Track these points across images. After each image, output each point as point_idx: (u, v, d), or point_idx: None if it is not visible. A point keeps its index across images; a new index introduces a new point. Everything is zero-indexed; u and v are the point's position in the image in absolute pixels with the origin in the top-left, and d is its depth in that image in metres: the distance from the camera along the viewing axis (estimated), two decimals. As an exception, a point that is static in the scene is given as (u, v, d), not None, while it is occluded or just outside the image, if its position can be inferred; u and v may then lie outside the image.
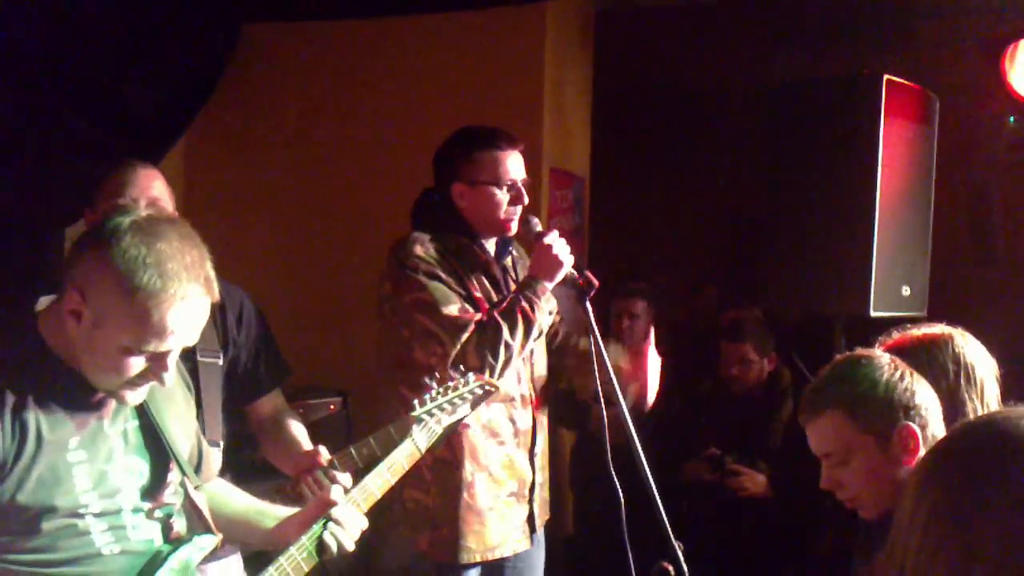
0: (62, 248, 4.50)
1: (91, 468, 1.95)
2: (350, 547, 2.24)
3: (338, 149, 5.07)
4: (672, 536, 2.84)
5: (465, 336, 2.98)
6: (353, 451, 2.89)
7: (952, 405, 2.52)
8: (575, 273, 3.06)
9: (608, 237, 5.42)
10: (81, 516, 1.92)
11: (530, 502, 3.27)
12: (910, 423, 2.16)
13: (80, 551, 1.92)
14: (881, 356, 2.26)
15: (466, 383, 2.71)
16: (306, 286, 5.01)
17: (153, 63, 4.52)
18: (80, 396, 1.97)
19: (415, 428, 2.56)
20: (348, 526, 2.22)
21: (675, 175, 5.32)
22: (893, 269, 4.02)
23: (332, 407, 4.39)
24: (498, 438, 3.17)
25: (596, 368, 2.91)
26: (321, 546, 2.18)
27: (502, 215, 3.15)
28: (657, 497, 2.83)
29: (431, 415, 2.59)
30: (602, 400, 2.92)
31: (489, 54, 4.96)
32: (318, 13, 4.94)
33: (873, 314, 3.91)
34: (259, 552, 2.37)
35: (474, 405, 2.76)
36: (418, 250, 3.06)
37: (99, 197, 2.92)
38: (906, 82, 4.07)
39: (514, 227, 3.19)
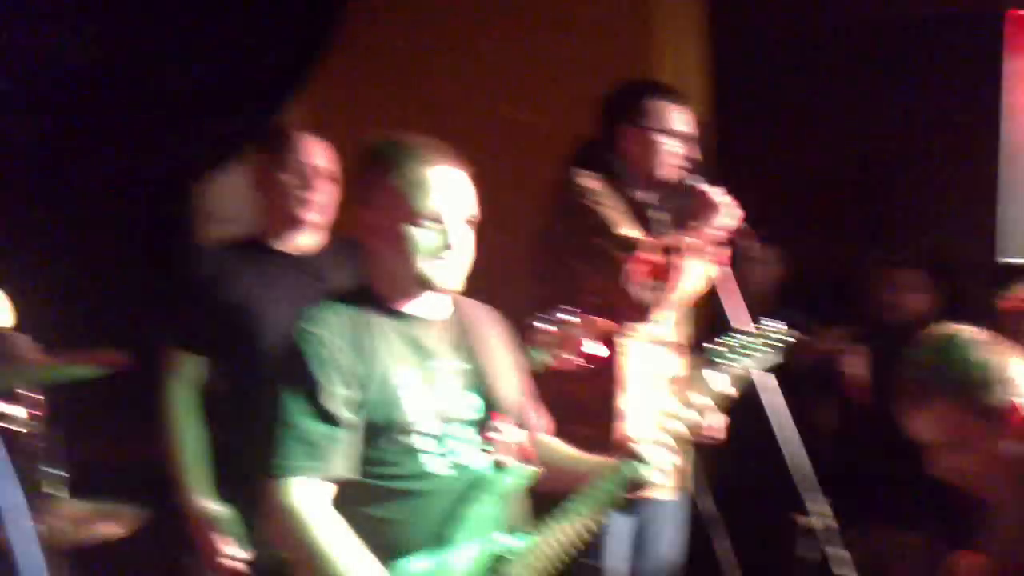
0: (191, 204, 4.64)
1: (426, 396, 2.21)
2: (655, 479, 2.37)
3: (452, 120, 5.03)
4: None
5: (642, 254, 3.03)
6: None
7: None
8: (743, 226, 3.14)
9: (731, 187, 5.34)
10: (418, 436, 2.18)
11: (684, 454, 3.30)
12: (1015, 399, 2.11)
13: (416, 468, 2.18)
14: (970, 332, 2.19)
15: (769, 328, 2.71)
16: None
17: (269, 17, 4.59)
18: (414, 334, 2.27)
19: (707, 371, 2.58)
20: (653, 461, 2.37)
21: (797, 122, 5.20)
22: (1021, 214, 3.92)
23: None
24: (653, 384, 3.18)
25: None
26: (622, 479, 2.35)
27: (665, 165, 3.21)
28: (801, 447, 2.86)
29: (727, 358, 2.60)
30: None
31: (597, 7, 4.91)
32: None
33: (1000, 260, 3.82)
34: None
35: (776, 354, 2.73)
36: (584, 182, 3.16)
37: (268, 155, 3.05)
38: (1031, 16, 3.92)
39: (672, 179, 3.23)
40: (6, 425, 2.52)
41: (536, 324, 2.86)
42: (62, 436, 2.60)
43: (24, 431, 2.55)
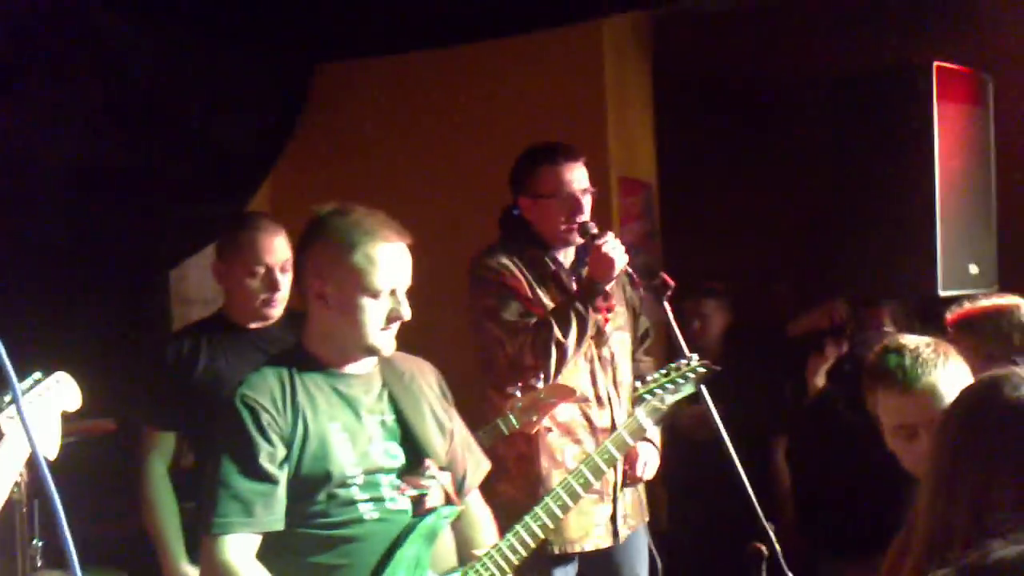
0: (167, 288, 4.79)
1: (353, 448, 2.38)
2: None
3: (416, 176, 5.24)
4: (763, 517, 3.01)
5: (522, 338, 3.22)
6: None
7: None
8: (630, 271, 3.28)
9: (681, 240, 5.52)
10: (348, 487, 2.35)
11: (614, 501, 3.42)
12: None
13: (347, 516, 2.35)
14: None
15: (688, 364, 2.99)
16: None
17: (236, 108, 4.80)
18: (341, 389, 2.44)
19: (638, 408, 2.87)
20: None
21: (740, 174, 5.41)
22: (959, 248, 4.10)
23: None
24: (573, 436, 3.36)
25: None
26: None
27: (562, 226, 3.38)
28: (746, 482, 3.02)
29: (653, 395, 2.88)
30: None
31: (550, 71, 5.12)
32: (383, 49, 5.17)
33: (942, 293, 3.99)
34: None
35: (697, 384, 3.02)
36: (490, 261, 3.35)
37: (233, 257, 3.23)
38: (957, 67, 4.14)
39: (575, 237, 3.40)
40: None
41: (510, 391, 3.05)
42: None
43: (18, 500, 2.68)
